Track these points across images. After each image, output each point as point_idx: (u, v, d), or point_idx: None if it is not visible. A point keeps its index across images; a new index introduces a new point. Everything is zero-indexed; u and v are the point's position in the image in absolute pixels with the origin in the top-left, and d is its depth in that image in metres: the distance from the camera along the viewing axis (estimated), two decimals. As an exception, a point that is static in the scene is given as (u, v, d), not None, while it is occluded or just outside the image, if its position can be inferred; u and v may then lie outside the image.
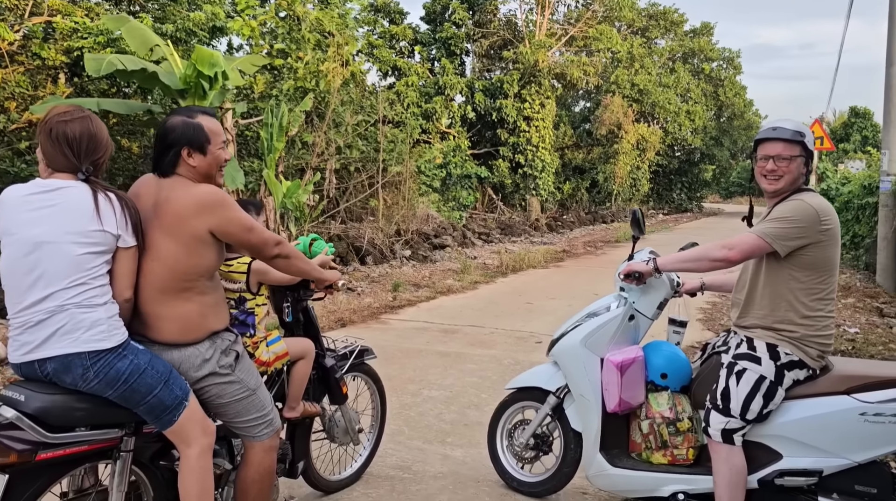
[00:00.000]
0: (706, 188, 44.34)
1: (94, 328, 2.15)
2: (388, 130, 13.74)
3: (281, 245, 2.53)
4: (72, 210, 2.17)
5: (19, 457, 2.04)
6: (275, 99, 10.61)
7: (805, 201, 2.81)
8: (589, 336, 3.21)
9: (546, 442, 3.49)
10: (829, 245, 2.80)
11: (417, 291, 9.50)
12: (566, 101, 29.38)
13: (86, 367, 2.13)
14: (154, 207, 2.34)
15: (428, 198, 15.56)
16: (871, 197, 11.83)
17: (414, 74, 20.00)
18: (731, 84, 39.23)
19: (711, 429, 2.87)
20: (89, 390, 2.16)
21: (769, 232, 2.78)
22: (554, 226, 21.32)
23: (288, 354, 3.02)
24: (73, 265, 2.15)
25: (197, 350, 2.38)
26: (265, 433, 2.55)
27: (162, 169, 2.40)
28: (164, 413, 2.26)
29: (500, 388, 5.24)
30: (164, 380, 2.24)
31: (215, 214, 2.33)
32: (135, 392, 2.19)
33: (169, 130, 2.39)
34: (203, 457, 2.33)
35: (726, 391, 2.86)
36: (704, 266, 2.97)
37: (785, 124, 2.95)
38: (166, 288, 2.33)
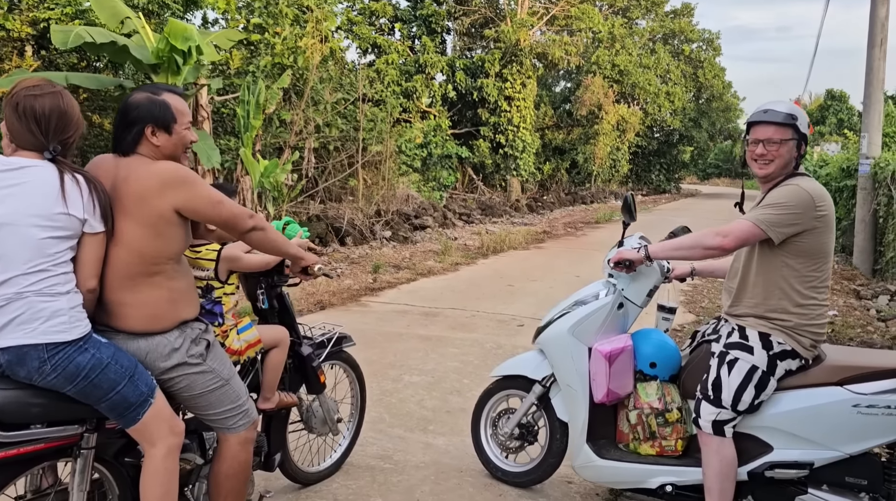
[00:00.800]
0: (684, 170, 44.56)
1: (53, 319, 2.01)
2: (367, 109, 13.50)
3: (255, 218, 2.39)
4: (35, 191, 2.02)
5: None
6: (251, 75, 10.33)
7: (800, 185, 2.72)
8: (577, 325, 3.12)
9: (531, 432, 3.41)
10: (824, 232, 2.73)
11: (398, 272, 9.37)
12: (547, 81, 29.18)
13: (43, 360, 1.99)
14: (112, 188, 2.19)
15: (408, 178, 15.37)
16: (850, 180, 11.89)
17: (394, 52, 19.67)
18: (710, 66, 39.24)
19: (702, 421, 2.81)
20: (46, 385, 2.03)
21: (763, 219, 2.69)
22: (534, 206, 21.26)
23: (260, 341, 2.89)
24: (34, 250, 2.01)
25: (165, 339, 2.24)
26: (240, 425, 2.43)
27: (122, 148, 2.26)
28: (127, 411, 2.12)
29: (483, 373, 5.17)
30: (129, 375, 2.11)
31: (180, 190, 2.19)
32: (96, 388, 2.06)
33: (132, 107, 2.26)
34: (169, 458, 2.21)
35: (717, 382, 2.80)
36: (698, 254, 2.89)
37: (777, 107, 2.86)
38: (133, 274, 2.19)
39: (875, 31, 10.00)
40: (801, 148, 2.80)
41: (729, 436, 2.79)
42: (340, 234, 10.90)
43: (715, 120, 40.43)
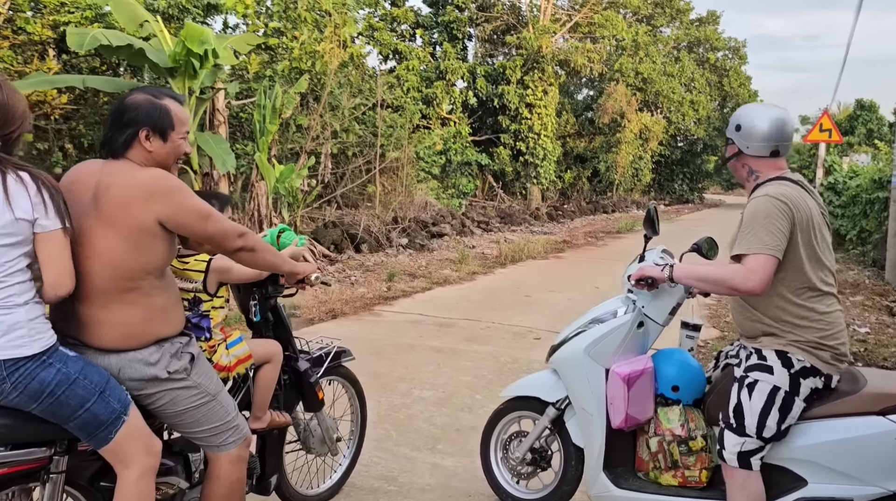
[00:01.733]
0: (708, 179, 44.04)
1: (11, 333, 1.85)
2: (386, 115, 13.37)
3: (245, 237, 2.23)
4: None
5: None
6: (268, 80, 10.25)
7: (757, 195, 2.56)
8: (593, 345, 2.91)
9: (544, 457, 3.20)
10: (797, 229, 2.49)
11: (413, 281, 9.20)
12: (569, 88, 28.94)
13: (2, 378, 1.84)
14: (93, 197, 2.03)
15: (427, 185, 15.22)
16: (882, 191, 11.52)
17: (415, 58, 19.60)
18: (735, 74, 38.77)
19: (726, 452, 2.58)
20: (8, 404, 1.87)
21: (767, 243, 2.46)
22: (554, 215, 21.00)
23: (251, 357, 2.70)
24: None
25: (139, 354, 2.08)
26: (231, 443, 2.27)
27: (112, 149, 2.12)
28: (98, 430, 1.96)
29: (496, 388, 4.96)
30: (99, 391, 1.95)
31: (165, 201, 2.04)
32: (63, 406, 1.90)
33: (129, 107, 2.12)
34: (143, 480, 2.04)
35: (739, 408, 2.57)
36: (723, 291, 2.69)
37: None
38: (107, 288, 2.03)
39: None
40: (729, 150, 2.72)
41: (756, 469, 2.56)
42: (356, 241, 10.76)
43: (740, 129, 39.80)
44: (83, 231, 2.01)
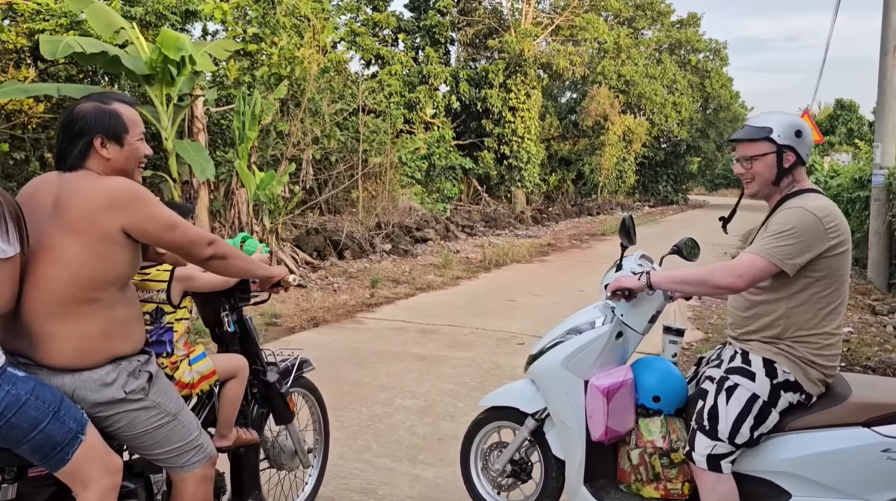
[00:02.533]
0: (692, 180, 44.28)
1: None
2: (369, 120, 13.29)
3: (215, 244, 2.17)
4: None
5: None
6: (247, 86, 10.15)
7: (804, 207, 2.45)
8: (571, 357, 2.84)
9: (525, 469, 3.13)
10: (839, 252, 2.46)
11: (396, 287, 9.12)
12: (552, 91, 28.99)
13: None
14: (54, 204, 1.98)
15: (410, 190, 15.15)
16: (863, 191, 11.58)
17: (397, 63, 19.53)
18: (717, 76, 38.99)
19: (696, 454, 2.54)
20: None
21: (775, 253, 2.42)
22: (539, 218, 20.99)
23: (216, 373, 2.61)
24: None
25: (95, 374, 2.00)
26: (195, 462, 2.19)
27: (68, 163, 2.06)
28: (54, 451, 1.87)
29: (478, 396, 4.86)
30: (53, 411, 1.86)
31: (129, 209, 1.99)
32: (14, 429, 1.81)
33: (79, 117, 2.06)
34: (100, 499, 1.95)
35: (714, 410, 2.53)
36: (706, 291, 2.65)
37: (754, 121, 2.66)
38: (66, 299, 1.95)
39: (888, 38, 9.73)
40: (784, 160, 2.54)
41: (727, 472, 2.51)
42: (339, 247, 10.66)
43: (723, 130, 40.10)
44: (43, 240, 1.96)
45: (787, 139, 2.54)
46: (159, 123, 8.99)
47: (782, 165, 2.56)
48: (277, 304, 7.61)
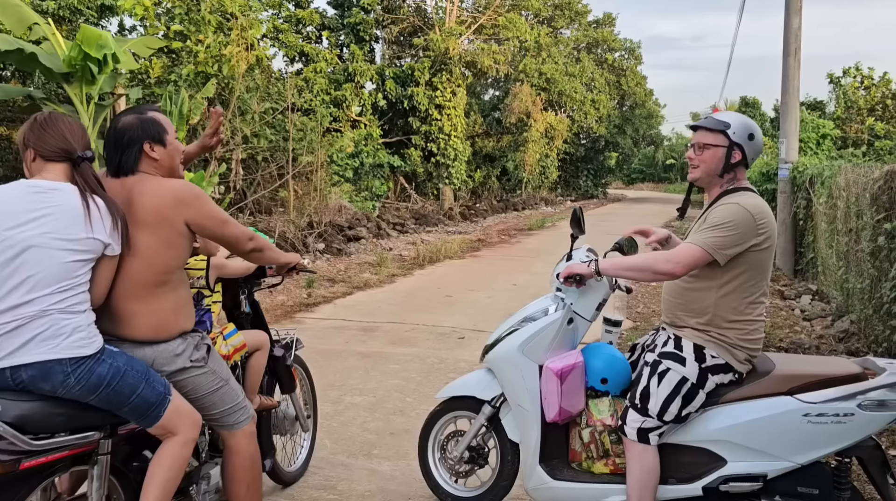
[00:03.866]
0: (610, 175, 45.74)
1: (74, 335, 2.12)
2: (296, 119, 13.15)
3: (255, 239, 2.60)
4: (65, 215, 2.15)
5: (3, 468, 1.98)
6: (173, 85, 9.88)
7: (740, 204, 2.71)
8: (526, 342, 3.02)
9: (482, 455, 3.29)
10: (765, 247, 2.73)
11: (333, 286, 9.12)
12: (476, 89, 29.35)
13: (66, 374, 2.09)
14: (126, 205, 2.31)
15: (340, 188, 15.07)
16: (770, 183, 12.36)
17: (322, 61, 19.35)
18: (632, 74, 40.44)
19: (627, 428, 2.79)
20: (70, 396, 2.12)
21: (709, 243, 2.68)
22: (467, 215, 21.28)
23: (246, 346, 3.02)
24: (63, 271, 2.13)
25: (169, 347, 2.38)
26: (243, 421, 2.59)
27: (124, 169, 2.39)
28: (149, 411, 2.24)
29: (426, 390, 5.03)
30: (145, 378, 2.23)
31: (192, 206, 2.36)
32: (118, 395, 2.17)
33: (125, 130, 2.40)
34: (185, 447, 2.35)
35: (646, 391, 2.77)
36: (647, 277, 2.89)
37: (718, 115, 2.87)
38: (144, 283, 2.33)
39: (789, 41, 10.43)
40: (732, 156, 2.78)
41: (654, 444, 2.75)
42: (272, 248, 10.52)
43: (638, 126, 41.66)
44: None
45: (740, 138, 2.78)
46: (80, 123, 8.67)
47: (729, 161, 2.80)
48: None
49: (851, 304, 7.19)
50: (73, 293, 2.14)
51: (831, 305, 7.94)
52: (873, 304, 6.20)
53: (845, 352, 6.21)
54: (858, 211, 6.75)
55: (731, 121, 2.81)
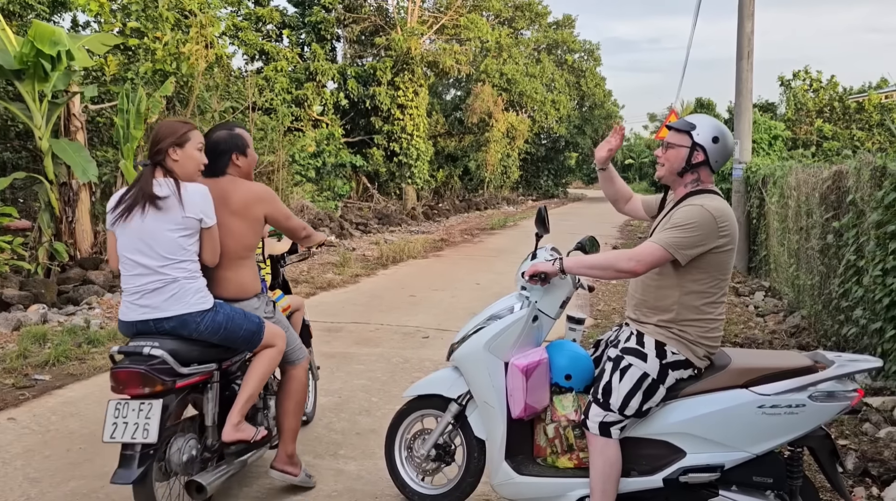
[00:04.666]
0: (571, 175, 46.31)
1: (197, 294, 2.96)
2: (257, 118, 13.00)
3: (307, 228, 3.52)
4: (169, 205, 2.91)
5: (164, 386, 2.85)
6: (130, 83, 9.68)
7: (704, 205, 2.78)
8: (493, 340, 3.07)
9: (448, 452, 3.32)
10: (726, 249, 2.82)
11: (296, 287, 9.05)
12: (437, 89, 29.44)
13: (197, 322, 2.94)
14: (222, 198, 3.12)
15: (302, 188, 14.95)
16: (724, 183, 12.68)
17: (283, 59, 19.18)
18: (591, 75, 41.05)
19: (589, 422, 2.86)
20: (200, 337, 2.98)
21: (670, 243, 2.75)
22: (430, 214, 21.32)
23: (290, 307, 3.96)
24: (177, 247, 2.92)
25: (250, 303, 3.25)
26: (300, 357, 3.50)
27: (217, 171, 3.20)
28: (253, 337, 3.14)
29: (391, 390, 5.05)
30: (246, 317, 3.11)
31: (268, 204, 3.24)
32: (232, 332, 3.05)
33: (221, 141, 3.22)
34: (279, 354, 3.28)
35: (608, 386, 2.85)
36: (609, 275, 2.96)
37: (691, 118, 2.95)
38: (234, 256, 3.17)
39: (742, 45, 10.72)
40: (693, 156, 2.86)
41: (615, 438, 2.83)
42: (233, 248, 10.39)
43: (598, 127, 42.27)
44: (220, 220, 3.07)
45: (703, 140, 2.86)
46: (32, 121, 8.44)
47: (690, 161, 2.88)
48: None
49: (802, 300, 7.44)
50: (190, 263, 2.96)
51: (783, 301, 8.20)
52: (822, 300, 6.43)
53: (797, 346, 6.42)
54: (808, 210, 6.99)
55: (698, 123, 2.89)
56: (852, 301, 5.39)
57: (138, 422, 2.78)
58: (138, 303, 2.89)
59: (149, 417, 2.78)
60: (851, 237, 5.39)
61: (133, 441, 2.77)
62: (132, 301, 2.90)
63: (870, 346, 5.01)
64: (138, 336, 2.92)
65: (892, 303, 4.47)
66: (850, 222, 5.41)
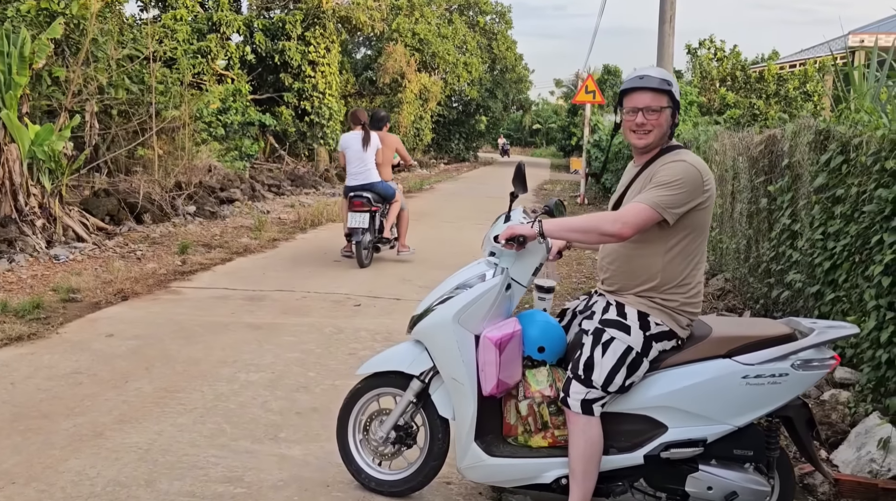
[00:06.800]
0: (481, 139, 46.34)
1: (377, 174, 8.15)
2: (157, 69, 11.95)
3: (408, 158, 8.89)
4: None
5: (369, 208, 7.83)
6: (10, 22, 8.58)
7: (687, 161, 2.62)
8: (463, 311, 2.78)
9: (409, 434, 3.04)
10: (708, 207, 2.67)
11: (209, 252, 8.43)
12: (347, 47, 28.40)
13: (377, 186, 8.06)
14: (382, 139, 8.12)
15: (208, 147, 13.99)
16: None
17: (182, 7, 17.78)
18: (503, 38, 40.84)
19: (571, 399, 2.65)
20: (376, 191, 8.01)
21: (659, 202, 2.55)
22: (344, 176, 20.63)
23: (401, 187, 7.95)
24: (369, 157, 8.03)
25: (390, 183, 8.27)
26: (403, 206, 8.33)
27: (379, 127, 8.21)
28: (392, 194, 8.20)
29: (328, 363, 4.70)
30: (389, 185, 8.23)
31: (397, 143, 8.60)
32: (386, 190, 8.15)
33: (382, 115, 8.50)
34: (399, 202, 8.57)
35: (590, 362, 2.65)
36: (593, 239, 2.74)
37: (651, 72, 2.74)
38: (385, 163, 8.20)
39: (665, 9, 10.74)
40: (675, 116, 2.69)
41: (597, 416, 2.65)
42: (136, 210, 9.57)
43: (508, 91, 42.31)
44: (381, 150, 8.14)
45: (678, 96, 2.66)
46: None
47: (674, 121, 2.68)
48: (72, 277, 6.66)
49: (725, 263, 7.59)
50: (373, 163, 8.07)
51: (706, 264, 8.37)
52: (749, 264, 6.54)
53: (724, 309, 6.52)
54: (735, 174, 7.07)
55: (669, 79, 2.69)
56: (785, 265, 5.46)
57: (361, 220, 7.57)
58: (356, 179, 7.73)
59: (364, 216, 7.57)
60: (787, 201, 5.44)
61: (359, 226, 7.54)
62: (354, 177, 7.80)
63: (804, 308, 5.09)
64: (359, 189, 7.72)
65: (832, 266, 4.52)
66: (786, 185, 5.45)
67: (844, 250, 4.31)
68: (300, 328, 5.51)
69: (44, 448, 3.36)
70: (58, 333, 5.15)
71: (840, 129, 4.50)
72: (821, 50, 20.42)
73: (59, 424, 3.62)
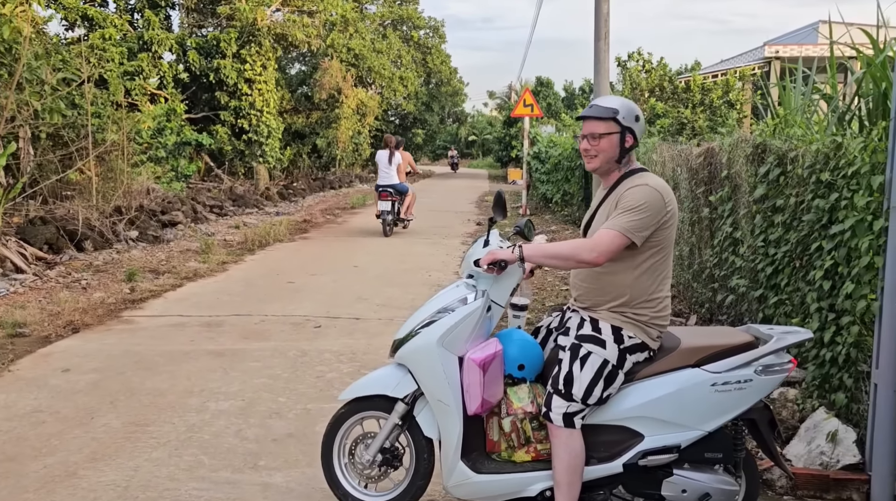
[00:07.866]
0: (419, 151, 46.58)
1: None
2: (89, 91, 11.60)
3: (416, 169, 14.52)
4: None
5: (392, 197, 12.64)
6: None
7: (649, 185, 2.80)
8: (446, 334, 2.87)
9: (396, 456, 3.10)
10: (672, 224, 2.85)
11: (158, 278, 8.24)
12: (281, 63, 28.15)
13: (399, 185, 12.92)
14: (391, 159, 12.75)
15: (144, 169, 13.64)
16: (580, 159, 13.23)
17: (111, 26, 17.32)
18: (437, 52, 41.29)
19: (553, 414, 2.78)
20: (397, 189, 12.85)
21: (628, 227, 2.72)
22: (286, 194, 20.43)
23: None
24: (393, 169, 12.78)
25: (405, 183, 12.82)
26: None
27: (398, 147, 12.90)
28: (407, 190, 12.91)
29: (297, 387, 4.70)
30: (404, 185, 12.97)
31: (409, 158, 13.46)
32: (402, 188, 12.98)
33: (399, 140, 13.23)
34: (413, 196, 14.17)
35: (569, 376, 2.78)
36: (570, 265, 2.91)
37: (602, 102, 2.93)
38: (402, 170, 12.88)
39: (600, 26, 11.12)
40: (625, 140, 2.86)
41: (578, 428, 2.79)
42: (76, 238, 9.26)
43: (444, 104, 42.75)
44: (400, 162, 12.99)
45: (629, 122, 2.83)
46: None
47: (624, 145, 2.85)
48: (16, 310, 6.42)
49: (670, 270, 7.88)
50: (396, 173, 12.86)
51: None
52: (693, 270, 6.86)
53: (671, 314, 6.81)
54: (675, 185, 7.41)
55: (617, 106, 2.86)
56: (728, 270, 5.76)
57: (386, 205, 12.20)
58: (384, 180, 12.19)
59: (388, 204, 12.20)
60: (727, 210, 5.75)
61: (385, 209, 12.15)
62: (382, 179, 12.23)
63: (748, 312, 5.39)
64: (386, 187, 12.23)
65: (774, 271, 4.81)
66: (726, 195, 5.76)
67: (785, 257, 4.61)
68: (263, 352, 5.47)
69: (15, 492, 3.27)
70: (10, 370, 4.98)
71: (776, 142, 4.81)
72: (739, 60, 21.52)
73: (28, 466, 3.52)
